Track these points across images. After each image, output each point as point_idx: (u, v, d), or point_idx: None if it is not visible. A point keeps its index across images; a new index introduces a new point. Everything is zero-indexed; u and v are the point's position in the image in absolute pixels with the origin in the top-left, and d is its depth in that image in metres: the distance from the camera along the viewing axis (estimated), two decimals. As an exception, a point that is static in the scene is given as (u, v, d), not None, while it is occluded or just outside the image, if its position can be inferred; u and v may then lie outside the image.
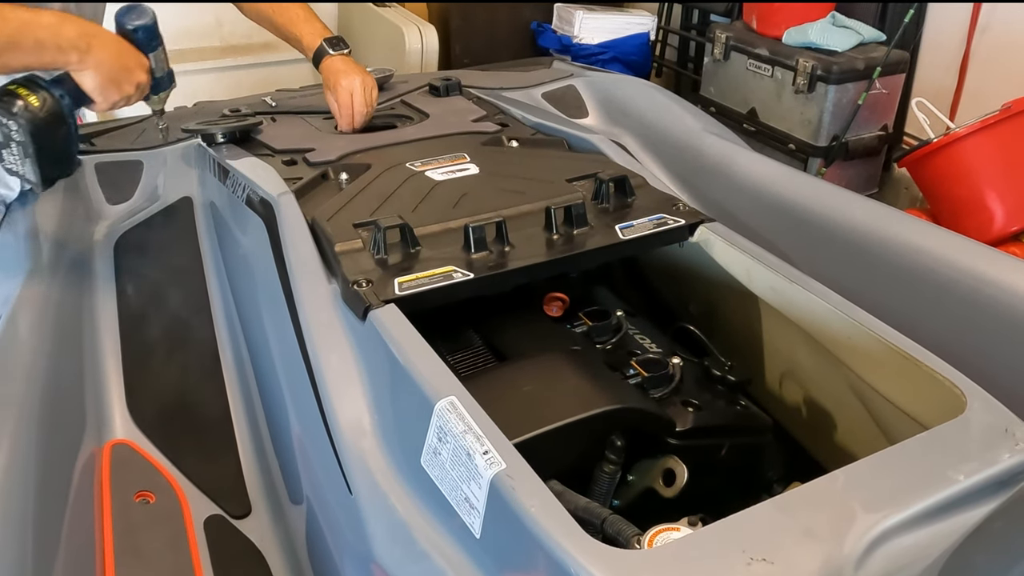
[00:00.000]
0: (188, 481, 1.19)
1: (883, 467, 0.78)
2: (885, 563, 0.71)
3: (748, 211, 1.46)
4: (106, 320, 1.38)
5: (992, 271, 1.13)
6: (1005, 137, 2.30)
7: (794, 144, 2.79)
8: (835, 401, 1.08)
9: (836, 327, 1.03)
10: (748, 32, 2.99)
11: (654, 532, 0.74)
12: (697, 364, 1.11)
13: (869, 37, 2.75)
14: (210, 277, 1.48)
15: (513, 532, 0.73)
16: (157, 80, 1.31)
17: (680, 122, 1.78)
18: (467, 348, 1.13)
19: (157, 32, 1.28)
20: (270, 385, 1.22)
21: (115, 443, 1.21)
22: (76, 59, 1.15)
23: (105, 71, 1.18)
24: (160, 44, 1.29)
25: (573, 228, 1.17)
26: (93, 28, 1.19)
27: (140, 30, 1.25)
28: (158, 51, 1.29)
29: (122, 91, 1.21)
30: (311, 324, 1.05)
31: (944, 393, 0.88)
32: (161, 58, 1.30)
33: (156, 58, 1.29)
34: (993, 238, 2.27)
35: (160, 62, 1.30)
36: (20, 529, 0.88)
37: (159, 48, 1.29)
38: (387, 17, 3.24)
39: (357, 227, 1.15)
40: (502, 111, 1.69)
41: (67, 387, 1.19)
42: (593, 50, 3.54)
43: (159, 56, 1.29)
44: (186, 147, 1.66)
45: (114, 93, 1.21)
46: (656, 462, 0.99)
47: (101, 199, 1.59)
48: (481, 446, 0.77)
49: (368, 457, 0.93)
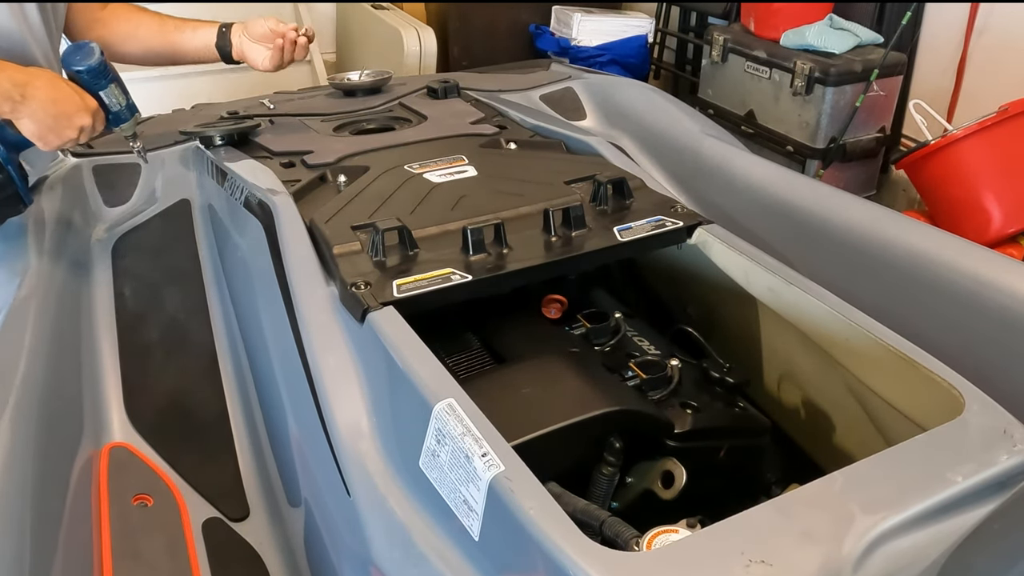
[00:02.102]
0: (186, 484, 1.19)
1: (881, 469, 0.78)
2: (884, 565, 0.71)
3: (746, 213, 1.46)
4: (104, 323, 1.38)
5: (990, 273, 1.13)
6: (1002, 139, 2.30)
7: (792, 146, 2.79)
8: (833, 403, 1.08)
9: (834, 329, 1.03)
10: (746, 34, 2.99)
11: (653, 534, 0.74)
12: (695, 366, 1.11)
13: (866, 39, 2.75)
14: (208, 280, 1.48)
15: (512, 534, 0.73)
16: (114, 115, 1.30)
17: (678, 124, 1.78)
18: (465, 350, 1.13)
19: (105, 70, 1.26)
20: (268, 387, 1.22)
21: (113, 446, 1.21)
22: (9, 109, 1.17)
23: (41, 119, 1.19)
24: (111, 80, 1.27)
25: (571, 230, 1.17)
26: (29, 76, 1.19)
27: (85, 72, 1.24)
28: (109, 88, 1.27)
29: (62, 137, 1.22)
30: (309, 326, 1.05)
31: (942, 394, 0.88)
32: (116, 93, 1.28)
33: (109, 94, 1.28)
34: (991, 240, 2.27)
35: (115, 97, 1.28)
36: (18, 532, 0.88)
37: (111, 85, 1.28)
38: (385, 19, 3.24)
39: (355, 229, 1.15)
40: (500, 113, 1.69)
41: (65, 390, 1.19)
42: (591, 52, 3.55)
43: (112, 92, 1.28)
44: (184, 150, 1.66)
45: (54, 139, 1.22)
46: (655, 464, 0.99)
47: (99, 201, 1.59)
48: (479, 448, 0.77)
49: (366, 459, 0.92)
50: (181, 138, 1.65)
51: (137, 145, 1.40)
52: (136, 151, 1.41)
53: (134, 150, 1.41)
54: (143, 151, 1.42)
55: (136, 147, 1.40)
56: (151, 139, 1.71)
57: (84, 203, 1.57)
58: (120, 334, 1.37)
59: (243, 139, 1.54)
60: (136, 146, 1.40)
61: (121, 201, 1.60)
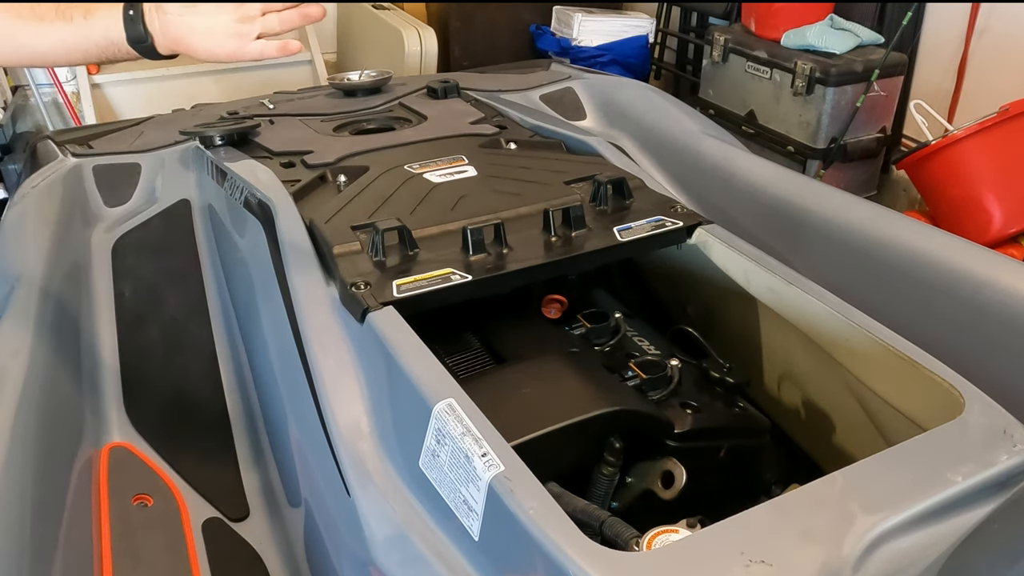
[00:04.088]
0: (186, 484, 1.19)
1: (881, 469, 0.78)
2: (884, 565, 0.71)
3: (746, 213, 1.46)
4: (104, 323, 1.38)
5: (990, 273, 1.13)
6: (1003, 139, 2.30)
7: (792, 146, 2.79)
8: (833, 403, 1.08)
9: (834, 329, 1.03)
10: (746, 34, 2.99)
11: (653, 534, 0.74)
12: (695, 366, 1.11)
13: (867, 39, 2.75)
14: (208, 280, 1.48)
15: (512, 534, 0.73)
16: None
17: (678, 124, 1.78)
18: (465, 350, 1.13)
19: None
20: (268, 388, 1.22)
21: (113, 446, 1.21)
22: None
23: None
24: None
25: (571, 230, 1.17)
26: None
27: None
28: None
29: None
30: (309, 326, 1.05)
31: (942, 395, 0.88)
32: None
33: None
34: (991, 240, 2.27)
35: None
36: (18, 532, 0.88)
37: None
38: (386, 20, 3.24)
39: (355, 229, 1.15)
40: (500, 113, 1.69)
41: (65, 390, 1.19)
42: (592, 52, 3.55)
43: None
44: (184, 150, 1.66)
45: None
46: (655, 464, 0.99)
47: (99, 202, 1.59)
48: (479, 448, 0.77)
49: (366, 460, 0.92)
50: (181, 138, 1.65)
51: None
52: None
53: None
54: None
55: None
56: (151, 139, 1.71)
57: (84, 203, 1.57)
58: (120, 334, 1.37)
59: (243, 139, 1.54)
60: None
61: (121, 201, 1.60)
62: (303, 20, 1.01)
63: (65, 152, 1.66)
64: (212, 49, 0.99)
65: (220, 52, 0.99)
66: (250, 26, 0.98)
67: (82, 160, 1.63)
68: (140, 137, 1.76)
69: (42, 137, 1.79)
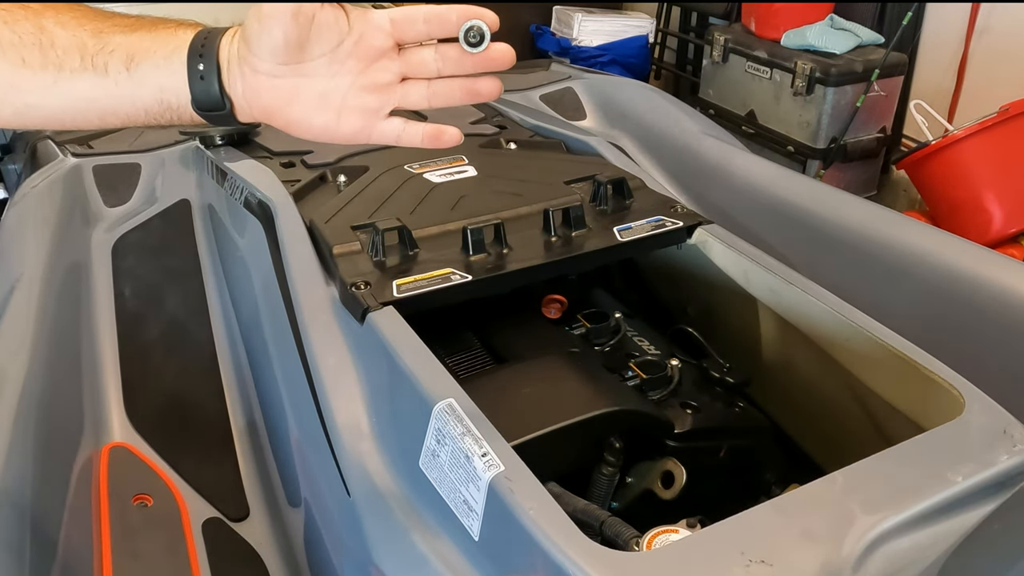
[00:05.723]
0: (186, 484, 1.19)
1: (881, 469, 0.78)
2: (884, 565, 0.71)
3: (746, 213, 1.46)
4: (104, 323, 1.38)
5: (990, 273, 1.13)
6: (1003, 139, 2.30)
7: (792, 146, 2.80)
8: (833, 403, 1.08)
9: (834, 329, 1.02)
10: (747, 34, 2.99)
11: (653, 534, 0.74)
12: (695, 366, 1.11)
13: (867, 39, 2.75)
14: (208, 280, 1.48)
15: (512, 534, 0.73)
16: None
17: (678, 124, 1.78)
18: (465, 350, 1.13)
19: None
20: (268, 388, 1.22)
21: (113, 446, 1.21)
22: None
23: None
24: None
25: (571, 230, 1.17)
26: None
27: None
28: None
29: None
30: (309, 326, 1.05)
31: (942, 395, 0.88)
32: None
33: None
34: (991, 240, 2.27)
35: None
36: (17, 532, 0.88)
37: None
38: (386, 20, 3.24)
39: (355, 229, 1.15)
40: (500, 113, 1.69)
41: (64, 390, 1.19)
42: (592, 52, 3.55)
43: None
44: (184, 149, 1.66)
45: None
46: (655, 464, 0.99)
47: (99, 202, 1.59)
48: (479, 448, 0.77)
49: (366, 460, 0.92)
50: (181, 138, 1.65)
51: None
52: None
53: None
54: None
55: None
56: (151, 139, 1.71)
57: (84, 203, 1.57)
58: (120, 334, 1.37)
59: (243, 139, 1.54)
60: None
61: (121, 201, 1.60)
62: (469, 97, 0.70)
63: (65, 152, 1.66)
64: (325, 127, 0.69)
65: (337, 133, 0.69)
66: (383, 96, 0.69)
67: (82, 160, 1.62)
68: (140, 137, 1.76)
69: (42, 137, 1.79)
